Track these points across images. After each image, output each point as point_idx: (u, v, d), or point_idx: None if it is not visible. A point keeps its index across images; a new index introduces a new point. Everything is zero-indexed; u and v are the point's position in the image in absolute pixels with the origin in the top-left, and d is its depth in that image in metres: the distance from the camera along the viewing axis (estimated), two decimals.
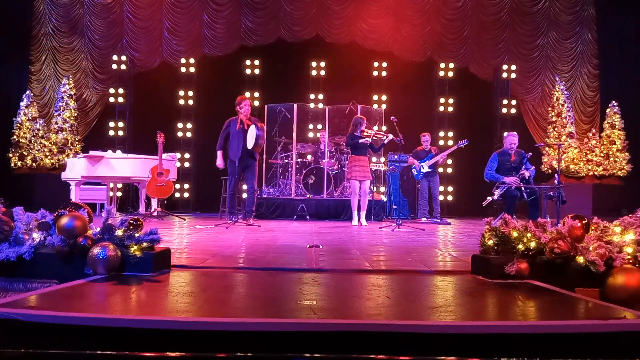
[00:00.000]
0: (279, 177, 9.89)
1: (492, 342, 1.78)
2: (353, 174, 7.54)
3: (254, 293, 2.58)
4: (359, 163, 7.53)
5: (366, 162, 7.61)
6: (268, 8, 11.57)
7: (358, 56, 11.63)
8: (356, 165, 7.53)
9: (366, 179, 7.54)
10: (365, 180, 7.53)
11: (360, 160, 7.53)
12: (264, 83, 11.61)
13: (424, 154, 8.98)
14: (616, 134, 10.99)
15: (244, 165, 6.92)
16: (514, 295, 2.47)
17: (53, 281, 2.70)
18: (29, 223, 2.88)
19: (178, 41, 11.64)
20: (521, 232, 2.85)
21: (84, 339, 1.77)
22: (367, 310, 2.15)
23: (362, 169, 7.50)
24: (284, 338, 1.76)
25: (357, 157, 7.57)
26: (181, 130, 11.44)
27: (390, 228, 6.76)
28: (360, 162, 7.53)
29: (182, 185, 11.28)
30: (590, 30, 11.84)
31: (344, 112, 10.06)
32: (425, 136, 9.18)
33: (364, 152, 7.60)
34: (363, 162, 7.54)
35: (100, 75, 11.71)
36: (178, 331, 1.78)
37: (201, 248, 4.18)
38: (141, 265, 2.79)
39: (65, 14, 11.68)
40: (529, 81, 11.81)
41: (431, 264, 3.46)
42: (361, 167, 7.51)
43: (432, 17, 11.67)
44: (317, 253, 3.92)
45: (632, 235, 2.77)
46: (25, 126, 10.82)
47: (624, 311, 2.08)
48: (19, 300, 2.11)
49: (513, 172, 7.00)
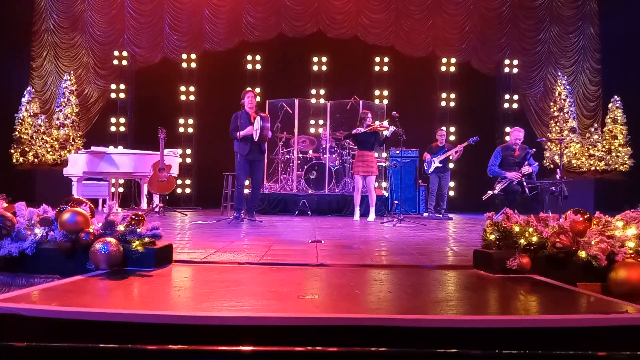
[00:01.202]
0: (281, 173, 9.89)
1: (494, 337, 1.78)
2: (356, 168, 7.55)
3: (255, 288, 2.59)
4: (361, 158, 7.52)
5: (370, 157, 7.57)
6: (269, 3, 11.54)
7: (359, 51, 11.61)
8: (359, 161, 7.53)
9: (369, 174, 7.50)
10: (369, 175, 7.50)
11: (364, 156, 7.51)
12: (266, 78, 11.60)
13: (437, 149, 8.98)
14: (618, 129, 10.95)
15: (252, 159, 6.80)
16: (516, 290, 2.47)
17: (55, 276, 2.71)
18: (31, 218, 2.89)
19: (179, 36, 11.63)
20: (523, 227, 2.84)
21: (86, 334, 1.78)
22: (369, 305, 2.16)
23: (365, 164, 7.48)
24: (285, 332, 1.76)
25: (361, 152, 7.56)
26: (182, 125, 11.45)
27: (391, 223, 6.76)
28: (364, 157, 7.51)
29: (183, 180, 11.29)
30: (592, 25, 11.80)
31: (345, 107, 10.06)
32: (440, 132, 9.17)
33: (369, 147, 7.57)
34: (366, 157, 7.52)
35: (102, 71, 11.71)
36: (180, 325, 1.78)
37: (203, 243, 4.18)
38: (143, 260, 2.80)
39: (66, 9, 11.67)
40: (531, 76, 11.78)
41: (433, 258, 3.46)
42: (364, 162, 7.49)
43: (433, 11, 11.63)
44: (319, 248, 3.92)
45: (634, 229, 2.76)
46: (26, 122, 10.84)
47: (626, 305, 2.08)
48: (21, 295, 2.11)
49: (516, 167, 6.99)
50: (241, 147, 6.69)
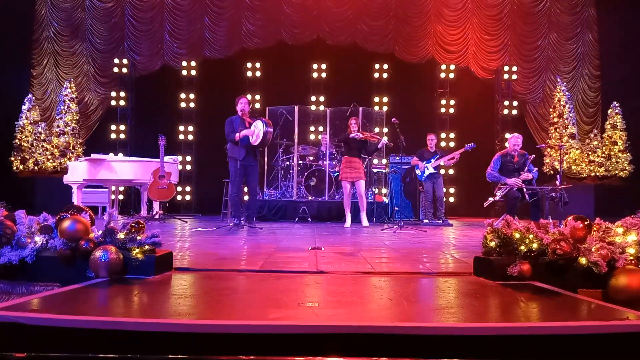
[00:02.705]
0: (281, 179, 9.89)
1: (495, 344, 1.77)
2: (343, 175, 7.57)
3: (255, 295, 2.58)
4: (348, 164, 7.54)
5: (357, 162, 7.56)
6: (268, 10, 11.59)
7: (359, 58, 11.65)
8: (346, 167, 7.55)
9: (357, 179, 7.50)
10: (357, 180, 7.50)
11: (351, 162, 7.53)
12: (265, 85, 11.63)
13: (428, 154, 8.79)
14: (618, 135, 10.96)
15: (247, 164, 6.75)
16: (517, 297, 2.46)
17: (55, 284, 2.71)
18: (31, 226, 2.89)
19: (179, 44, 11.67)
20: (523, 234, 2.84)
21: (86, 342, 1.77)
22: (369, 313, 2.15)
23: (352, 169, 7.49)
24: (286, 340, 1.76)
25: (348, 158, 7.59)
26: (182, 133, 11.46)
27: (392, 230, 6.75)
28: (350, 163, 7.52)
29: (183, 187, 11.29)
30: (591, 31, 11.84)
31: (345, 114, 10.07)
32: (431, 137, 8.97)
33: (356, 154, 7.58)
34: (353, 163, 7.53)
35: (102, 79, 11.74)
36: (180, 334, 1.78)
37: (203, 251, 4.18)
38: (143, 268, 2.79)
39: (67, 17, 11.72)
40: (530, 82, 11.81)
41: (433, 265, 3.46)
42: (351, 168, 7.50)
43: (432, 18, 11.68)
44: (319, 255, 3.91)
45: (634, 236, 2.76)
46: (27, 129, 10.85)
47: (627, 312, 2.08)
48: (21, 304, 2.11)
49: (515, 173, 6.98)
50: (238, 151, 6.63)
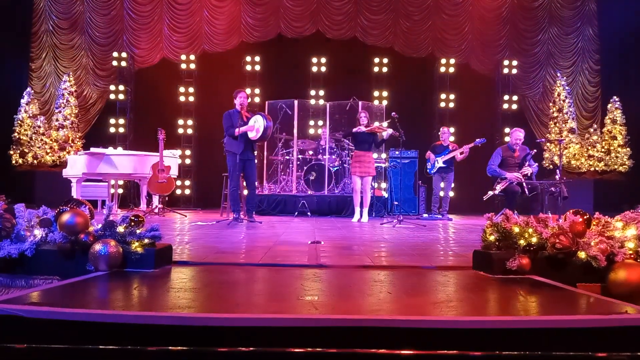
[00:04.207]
0: (280, 174, 9.88)
1: (494, 337, 1.78)
2: (353, 169, 7.54)
3: (255, 289, 2.59)
4: (359, 159, 7.50)
5: (368, 157, 7.54)
6: (268, 4, 11.55)
7: (359, 52, 11.62)
8: (357, 161, 7.51)
9: (366, 175, 7.49)
10: (366, 176, 7.49)
11: (361, 156, 7.50)
12: (265, 79, 11.61)
13: (440, 148, 8.64)
14: (617, 130, 10.96)
15: (245, 158, 6.71)
16: (516, 291, 2.47)
17: (55, 277, 2.71)
18: (30, 220, 2.88)
19: (178, 37, 11.63)
20: (523, 228, 2.85)
21: (86, 335, 1.78)
22: (368, 306, 2.15)
23: (362, 164, 7.46)
24: (285, 333, 1.76)
25: (358, 153, 7.54)
26: (182, 126, 11.44)
27: (391, 224, 6.76)
28: (361, 158, 7.49)
29: (183, 181, 11.28)
30: (591, 26, 11.80)
31: (344, 108, 10.05)
32: (444, 129, 8.84)
33: (366, 148, 7.54)
34: (364, 158, 7.50)
35: (101, 72, 11.70)
36: (180, 327, 1.78)
37: (202, 244, 4.18)
38: (143, 261, 2.79)
39: (66, 10, 11.67)
40: (530, 77, 11.78)
41: (432, 259, 3.46)
42: (360, 163, 7.47)
43: (433, 12, 11.64)
44: (319, 249, 3.92)
45: (633, 230, 2.76)
46: (26, 123, 10.83)
47: (626, 306, 2.08)
48: (21, 297, 2.11)
49: (516, 168, 6.98)
50: (236, 145, 6.60)
